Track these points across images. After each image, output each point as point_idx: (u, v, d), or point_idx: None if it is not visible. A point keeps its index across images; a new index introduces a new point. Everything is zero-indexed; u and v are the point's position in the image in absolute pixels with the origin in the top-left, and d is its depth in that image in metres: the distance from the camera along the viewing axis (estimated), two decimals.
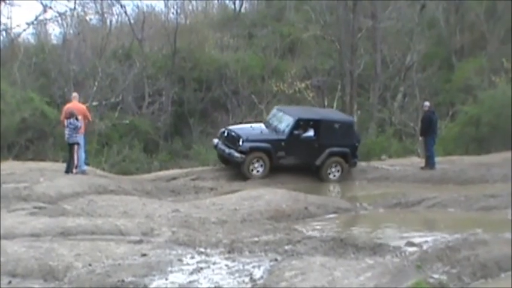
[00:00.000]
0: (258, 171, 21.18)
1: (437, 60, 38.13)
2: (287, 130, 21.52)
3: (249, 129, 22.15)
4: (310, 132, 21.78)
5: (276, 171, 21.23)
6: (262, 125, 22.56)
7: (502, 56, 32.41)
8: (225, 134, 22.00)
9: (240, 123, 25.93)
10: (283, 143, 21.34)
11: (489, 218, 15.34)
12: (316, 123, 21.84)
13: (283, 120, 21.98)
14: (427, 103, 22.88)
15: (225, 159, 21.96)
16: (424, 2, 38.20)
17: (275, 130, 21.81)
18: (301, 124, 21.73)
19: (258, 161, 21.13)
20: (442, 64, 38.44)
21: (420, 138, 23.30)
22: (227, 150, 21.41)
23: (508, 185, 18.18)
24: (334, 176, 21.79)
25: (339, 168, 21.85)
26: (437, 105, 30.06)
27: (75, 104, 19.68)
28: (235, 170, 21.38)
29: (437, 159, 22.55)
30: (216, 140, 22.51)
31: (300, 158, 21.56)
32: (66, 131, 19.31)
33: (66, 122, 19.24)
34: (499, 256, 10.40)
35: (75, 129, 19.12)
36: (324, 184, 21.28)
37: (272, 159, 21.24)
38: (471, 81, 33.28)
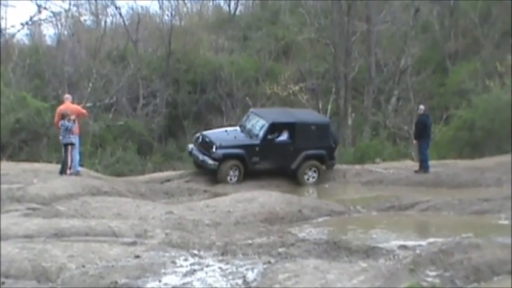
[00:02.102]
0: (232, 177, 20.92)
1: (431, 63, 38.19)
2: (261, 135, 21.29)
3: (223, 134, 21.84)
4: (285, 136, 21.61)
5: (272, 174, 21.19)
6: (237, 129, 22.24)
7: (496, 60, 32.45)
8: (200, 139, 21.69)
9: (215, 127, 25.58)
10: (257, 148, 21.13)
11: (482, 221, 15.35)
12: (290, 127, 21.61)
13: (258, 124, 21.72)
14: (422, 106, 22.87)
15: (200, 165, 21.69)
16: (418, 5, 38.25)
17: (249, 134, 21.56)
18: (275, 128, 21.50)
19: (232, 167, 20.88)
20: (436, 68, 38.50)
21: (414, 141, 23.32)
22: (201, 156, 21.15)
23: (501, 189, 18.21)
24: (313, 178, 21.68)
25: (315, 171, 21.75)
26: (431, 109, 30.09)
27: (68, 106, 19.68)
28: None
29: (431, 162, 22.56)
30: (190, 146, 22.24)
31: (275, 163, 21.37)
32: (61, 133, 19.41)
33: (60, 124, 19.28)
34: (492, 260, 10.41)
35: (67, 130, 19.16)
36: (318, 187, 21.30)
37: (247, 165, 21.02)
38: (465, 85, 33.33)
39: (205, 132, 22.35)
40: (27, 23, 34.89)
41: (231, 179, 20.90)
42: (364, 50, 36.57)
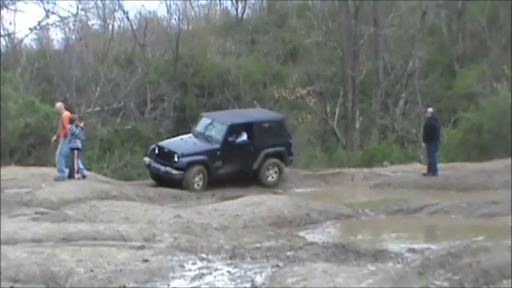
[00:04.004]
0: (198, 184, 20.58)
1: (439, 66, 38.11)
2: (221, 138, 21.09)
3: (181, 142, 21.47)
4: (244, 137, 21.45)
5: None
6: (191, 136, 21.95)
7: (503, 63, 32.38)
8: (156, 150, 21.24)
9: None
10: (218, 152, 20.92)
11: (491, 224, 15.32)
12: (248, 127, 21.51)
13: (215, 128, 21.53)
14: (430, 109, 22.82)
15: (160, 178, 21.07)
16: (425, 8, 38.20)
17: (207, 140, 21.33)
18: (234, 130, 21.35)
19: (197, 174, 20.53)
20: (444, 71, 38.42)
21: (423, 144, 23.30)
22: (163, 168, 20.59)
23: (509, 192, 18.16)
24: (272, 177, 21.60)
25: (276, 169, 21.67)
26: (439, 112, 30.00)
27: (62, 114, 19.75)
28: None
29: (439, 165, 22.52)
30: (147, 159, 21.65)
31: (237, 165, 21.23)
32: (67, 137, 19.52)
33: (68, 128, 19.42)
34: (501, 263, 10.37)
35: (73, 135, 19.28)
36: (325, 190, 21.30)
37: (210, 171, 20.78)
38: (473, 88, 33.26)
39: (161, 143, 21.83)
40: (35, 28, 34.98)
41: (197, 185, 20.52)
42: (371, 53, 36.53)
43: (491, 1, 38.17)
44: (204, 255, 11.73)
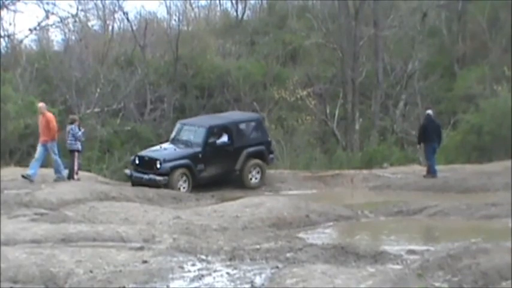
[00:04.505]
0: (184, 187, 20.51)
1: (439, 68, 38.13)
2: (201, 141, 21.06)
3: (161, 150, 21.41)
4: (224, 138, 21.45)
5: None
6: (170, 143, 21.79)
7: (504, 65, 32.39)
8: (136, 161, 21.12)
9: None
10: (200, 155, 20.87)
11: (490, 226, 15.30)
12: (226, 128, 21.57)
13: (193, 132, 21.52)
14: (428, 111, 22.86)
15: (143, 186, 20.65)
16: (426, 10, 38.21)
17: (187, 144, 21.30)
18: (213, 132, 21.35)
19: (181, 176, 20.47)
20: (444, 72, 38.45)
21: (418, 146, 23.34)
22: (146, 176, 20.42)
23: (509, 194, 18.16)
24: (256, 179, 21.61)
25: (258, 170, 21.68)
26: (439, 113, 30.03)
27: (46, 114, 19.75)
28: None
29: (439, 167, 22.52)
30: (128, 171, 21.57)
31: (220, 167, 21.21)
32: (68, 138, 19.56)
33: (68, 129, 19.46)
34: (500, 265, 10.36)
35: (74, 135, 19.34)
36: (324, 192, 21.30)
37: (194, 174, 20.73)
38: (473, 90, 33.27)
39: (140, 153, 21.73)
40: (35, 29, 35.06)
41: (183, 188, 20.46)
42: (371, 55, 36.57)
43: (491, 2, 38.17)
44: (203, 257, 11.73)
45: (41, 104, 20.47)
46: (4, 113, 26.45)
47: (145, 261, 11.17)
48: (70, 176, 19.50)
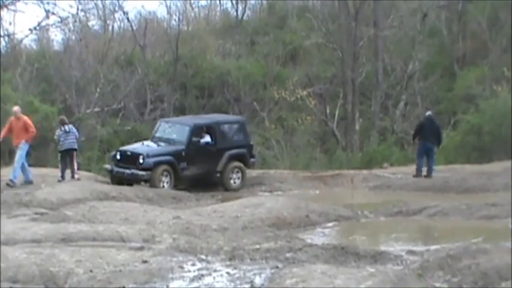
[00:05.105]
0: (164, 184, 20.36)
1: (439, 68, 38.08)
2: (185, 139, 20.99)
3: (144, 146, 21.30)
4: (207, 138, 21.40)
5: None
6: (151, 141, 21.62)
7: (504, 65, 32.39)
8: (118, 156, 20.94)
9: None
10: (183, 153, 20.78)
11: (490, 226, 15.32)
12: (211, 128, 21.55)
13: (176, 131, 21.48)
14: (428, 112, 22.88)
15: (124, 181, 20.59)
16: (426, 10, 38.19)
17: (170, 142, 21.20)
18: (196, 131, 21.29)
19: (163, 173, 20.33)
20: (444, 73, 38.41)
21: (412, 141, 23.39)
22: (128, 171, 20.26)
23: (509, 194, 18.16)
24: (235, 182, 21.49)
25: (239, 173, 21.60)
26: (438, 113, 30.05)
27: (23, 117, 19.66)
28: None
29: (439, 167, 22.54)
30: (109, 166, 21.36)
31: (202, 167, 21.12)
32: (62, 138, 19.63)
33: (58, 131, 19.59)
34: (500, 265, 10.37)
35: (75, 135, 19.41)
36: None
37: (176, 171, 20.61)
38: (473, 90, 33.26)
39: (122, 148, 21.65)
40: (35, 29, 35.01)
41: (163, 186, 20.32)
42: (371, 55, 36.55)
43: (491, 2, 38.16)
44: (203, 256, 11.73)
45: (15, 108, 20.26)
46: (4, 113, 26.41)
47: (145, 261, 11.17)
48: (63, 176, 19.61)
